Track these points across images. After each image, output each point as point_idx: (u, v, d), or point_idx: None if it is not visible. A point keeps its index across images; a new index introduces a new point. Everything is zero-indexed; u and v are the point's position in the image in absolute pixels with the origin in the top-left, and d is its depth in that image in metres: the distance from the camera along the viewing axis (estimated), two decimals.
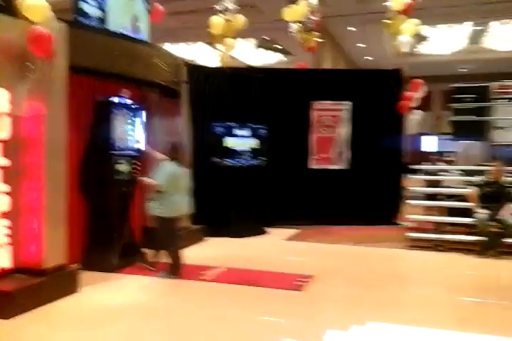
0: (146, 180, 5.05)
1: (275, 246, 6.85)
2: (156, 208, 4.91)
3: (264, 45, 17.32)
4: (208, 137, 7.61)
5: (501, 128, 8.16)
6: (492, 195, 6.27)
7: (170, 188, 4.86)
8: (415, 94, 8.25)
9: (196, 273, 5.14)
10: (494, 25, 14.93)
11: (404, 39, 8.35)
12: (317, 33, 8.91)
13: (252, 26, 8.34)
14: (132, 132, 5.62)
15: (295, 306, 4.15)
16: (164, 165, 4.99)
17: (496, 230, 6.15)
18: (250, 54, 17.47)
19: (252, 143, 7.88)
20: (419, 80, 8.31)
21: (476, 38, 15.96)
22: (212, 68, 8.75)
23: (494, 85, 8.52)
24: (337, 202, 8.22)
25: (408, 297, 4.52)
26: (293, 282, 4.83)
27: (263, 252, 6.43)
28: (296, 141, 8.37)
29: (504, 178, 6.47)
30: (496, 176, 6.40)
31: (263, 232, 7.72)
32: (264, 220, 7.88)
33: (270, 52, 18.01)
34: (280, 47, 17.26)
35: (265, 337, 3.38)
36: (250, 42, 16.80)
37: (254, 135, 7.88)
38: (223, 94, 7.95)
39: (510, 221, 6.12)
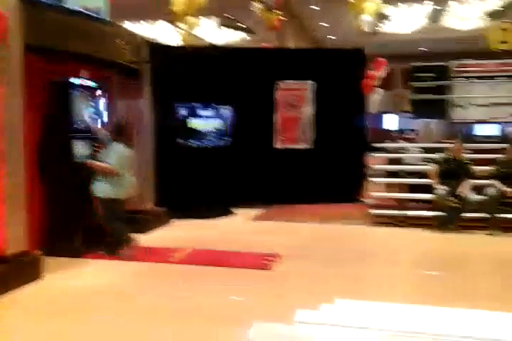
0: (95, 163, 4.98)
1: (241, 227, 6.91)
2: (103, 189, 4.89)
3: (227, 23, 17.04)
4: (172, 118, 7.50)
5: (460, 106, 8.36)
6: (451, 172, 6.46)
7: (119, 170, 4.87)
8: (378, 72, 8.34)
9: (162, 255, 5.13)
10: (453, 5, 15.15)
11: (365, 20, 8.39)
12: (279, 12, 8.83)
13: (215, 4, 8.18)
14: (91, 114, 5.47)
15: (263, 285, 4.20)
16: (113, 146, 4.97)
17: (455, 205, 6.36)
18: (213, 32, 17.16)
19: (217, 123, 7.82)
20: (382, 59, 8.39)
21: (436, 17, 16.16)
22: (175, 47, 8.57)
23: (453, 64, 8.69)
24: (302, 181, 8.28)
25: (374, 273, 4.64)
26: (260, 261, 4.88)
27: (230, 233, 6.46)
28: (261, 121, 8.34)
29: (463, 155, 6.67)
30: (455, 153, 6.59)
31: (229, 213, 7.74)
32: (231, 201, 7.90)
33: (233, 31, 17.75)
34: (243, 25, 17.03)
35: (233, 316, 3.41)
36: (213, 21, 16.50)
37: (219, 115, 7.81)
38: (186, 73, 7.80)
39: (469, 196, 6.33)
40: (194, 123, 7.59)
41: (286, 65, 8.40)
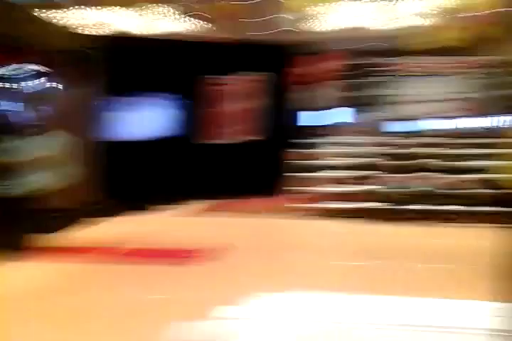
0: None
1: (164, 224, 6.74)
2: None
3: (184, 12, 16.74)
4: (116, 109, 7.34)
5: (397, 102, 8.52)
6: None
7: (59, 159, 4.70)
8: (308, 69, 8.43)
9: (97, 253, 4.98)
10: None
11: (297, 15, 8.43)
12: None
13: None
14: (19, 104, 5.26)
15: (189, 281, 4.13)
16: (50, 136, 4.80)
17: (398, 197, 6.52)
18: (165, 22, 16.80)
19: (163, 115, 7.71)
20: (313, 56, 8.49)
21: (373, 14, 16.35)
22: (122, 36, 8.35)
23: (385, 61, 8.84)
24: (231, 174, 8.17)
25: (302, 264, 4.67)
26: (193, 257, 4.81)
27: (167, 228, 6.34)
28: (191, 115, 8.23)
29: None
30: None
31: (173, 206, 7.61)
32: (150, 197, 7.68)
33: (189, 20, 17.45)
34: (200, 14, 16.76)
35: (155, 315, 3.33)
36: (168, 10, 16.14)
37: (164, 107, 7.70)
38: (132, 64, 7.63)
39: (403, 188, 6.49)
40: (138, 114, 7.45)
41: (235, 57, 8.33)
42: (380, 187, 6.52)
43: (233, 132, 8.53)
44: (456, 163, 6.47)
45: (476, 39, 9.22)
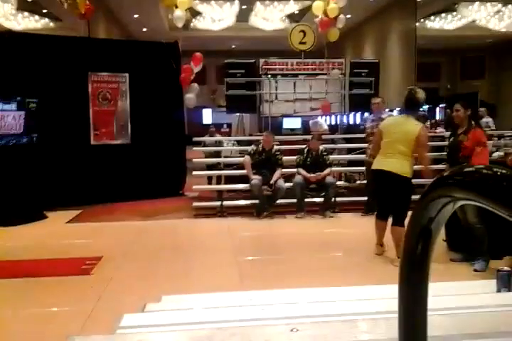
0: None
1: (56, 231, 6.36)
2: None
3: (27, 7, 15.46)
4: None
5: (270, 101, 8.99)
6: (263, 162, 6.94)
7: None
8: (195, 67, 8.50)
9: None
10: (259, 6, 16.21)
11: (178, 14, 8.44)
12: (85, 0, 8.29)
13: None
14: None
15: (85, 291, 3.95)
16: None
17: (268, 193, 6.86)
18: (9, 17, 15.38)
19: (21, 118, 7.05)
20: (199, 54, 8.57)
21: (243, 16, 17.10)
22: None
23: (261, 61, 9.30)
24: (122, 177, 8.02)
25: (199, 265, 4.72)
26: (81, 266, 4.58)
27: (44, 239, 5.90)
28: (74, 116, 7.81)
29: (273, 146, 7.21)
30: (266, 145, 7.08)
31: (42, 217, 7.06)
32: (43, 204, 7.20)
33: (34, 16, 16.18)
34: (45, 11, 15.66)
35: (50, 330, 3.15)
36: (9, 4, 14.78)
37: (22, 109, 7.05)
38: None
39: (280, 184, 6.88)
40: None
41: (101, 57, 8.02)
42: (264, 183, 6.79)
43: (119, 133, 8.19)
44: (320, 159, 6.98)
45: (324, 43, 10.09)
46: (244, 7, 16.33)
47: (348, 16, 9.44)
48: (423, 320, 0.70)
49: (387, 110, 6.46)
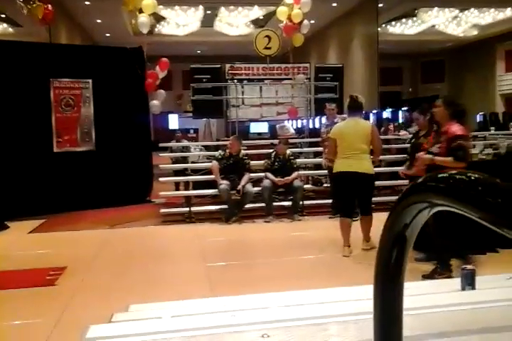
0: None
1: (18, 241, 6.15)
2: None
3: None
4: None
5: (236, 106, 9.00)
6: (230, 167, 6.93)
7: None
8: (161, 72, 8.43)
9: None
10: (223, 11, 16.24)
11: (142, 19, 8.37)
12: (44, 4, 8.12)
13: None
14: None
15: (50, 303, 3.84)
16: None
17: (236, 198, 6.85)
18: None
19: None
20: (165, 59, 8.52)
21: (208, 21, 17.10)
22: None
23: (226, 67, 9.31)
24: (87, 185, 7.86)
25: (167, 272, 4.67)
26: (45, 277, 4.45)
27: (5, 250, 5.69)
28: (36, 123, 7.61)
29: (241, 151, 7.21)
30: (233, 149, 7.08)
31: (3, 227, 6.83)
32: (4, 213, 6.97)
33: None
34: (4, 16, 15.24)
35: None
36: None
37: None
38: None
39: (248, 189, 6.88)
40: None
41: (62, 62, 7.86)
42: (232, 188, 6.78)
43: (82, 139, 8.02)
44: (288, 163, 7.02)
45: (289, 48, 10.19)
46: (208, 12, 16.32)
47: (312, 22, 9.56)
48: (399, 324, 0.71)
49: (342, 115, 6.57)
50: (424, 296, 1.88)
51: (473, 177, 0.54)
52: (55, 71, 7.80)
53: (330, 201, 6.96)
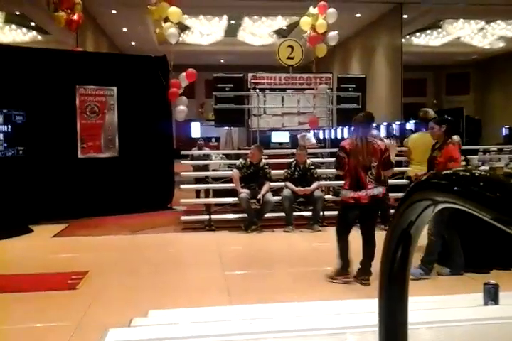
0: None
1: (42, 245, 6.26)
2: None
3: (14, 20, 15.46)
4: None
5: (258, 115, 9.03)
6: (251, 176, 6.95)
7: None
8: (185, 82, 8.55)
9: None
10: (247, 21, 16.40)
11: (172, 30, 8.51)
12: (68, 13, 8.31)
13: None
14: None
15: (71, 306, 3.89)
16: None
17: (256, 207, 6.85)
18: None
19: (6, 131, 7.01)
20: (193, 70, 8.64)
21: (232, 31, 17.28)
22: None
23: (249, 76, 9.37)
24: (109, 191, 7.97)
25: (186, 279, 4.68)
26: (67, 281, 4.50)
27: (29, 253, 5.80)
28: (62, 129, 7.77)
29: (261, 160, 7.23)
30: (254, 158, 7.10)
31: (28, 231, 6.97)
32: (29, 217, 7.11)
33: (22, 29, 16.17)
34: (33, 24, 15.67)
35: None
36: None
37: (8, 122, 7.02)
38: None
39: (269, 198, 6.88)
40: None
41: (88, 70, 8.03)
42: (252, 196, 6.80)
43: (106, 146, 8.16)
44: (308, 172, 7.01)
45: (311, 58, 10.21)
46: (232, 22, 16.50)
47: (336, 32, 9.56)
48: (404, 327, 0.71)
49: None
50: (446, 310, 1.85)
51: (476, 174, 0.54)
52: (81, 78, 7.97)
53: None
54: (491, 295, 2.13)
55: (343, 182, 7.29)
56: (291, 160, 7.28)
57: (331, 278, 4.41)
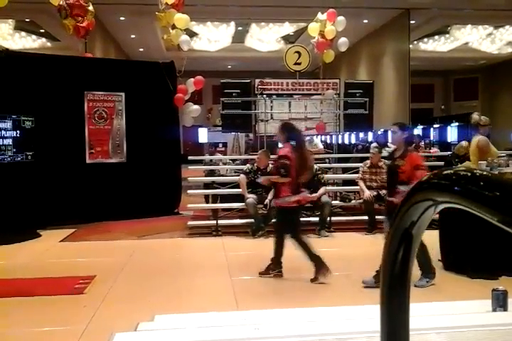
0: None
1: (50, 250, 6.30)
2: None
3: (25, 27, 15.65)
4: None
5: (265, 120, 9.04)
6: (258, 181, 6.94)
7: None
8: (191, 87, 8.59)
9: None
10: (254, 27, 16.48)
11: (184, 37, 8.58)
12: (76, 20, 8.38)
13: (11, 5, 7.40)
14: None
15: (78, 311, 3.90)
16: None
17: (263, 212, 6.84)
18: (6, 37, 15.56)
19: (15, 136, 7.07)
20: (201, 77, 8.69)
21: (239, 37, 17.37)
22: None
23: (256, 81, 9.39)
24: (117, 196, 8.00)
25: (193, 284, 4.69)
26: (74, 285, 4.53)
27: (37, 257, 5.84)
28: (69, 134, 7.83)
29: (269, 165, 7.22)
30: (261, 164, 7.10)
31: (36, 235, 7.00)
32: (37, 222, 7.15)
33: (31, 36, 16.37)
34: (43, 30, 15.85)
35: None
36: (7, 24, 14.98)
37: (17, 127, 7.08)
38: None
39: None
40: None
41: (96, 76, 8.09)
42: (259, 202, 6.79)
43: (114, 151, 8.20)
44: (315, 177, 6.99)
45: (318, 63, 10.22)
46: (240, 28, 16.59)
47: (346, 38, 9.58)
48: (406, 328, 0.71)
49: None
50: (454, 316, 1.84)
51: (478, 174, 0.54)
52: (90, 84, 8.03)
53: (358, 218, 6.88)
54: (500, 301, 2.11)
55: (350, 187, 7.29)
56: None
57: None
